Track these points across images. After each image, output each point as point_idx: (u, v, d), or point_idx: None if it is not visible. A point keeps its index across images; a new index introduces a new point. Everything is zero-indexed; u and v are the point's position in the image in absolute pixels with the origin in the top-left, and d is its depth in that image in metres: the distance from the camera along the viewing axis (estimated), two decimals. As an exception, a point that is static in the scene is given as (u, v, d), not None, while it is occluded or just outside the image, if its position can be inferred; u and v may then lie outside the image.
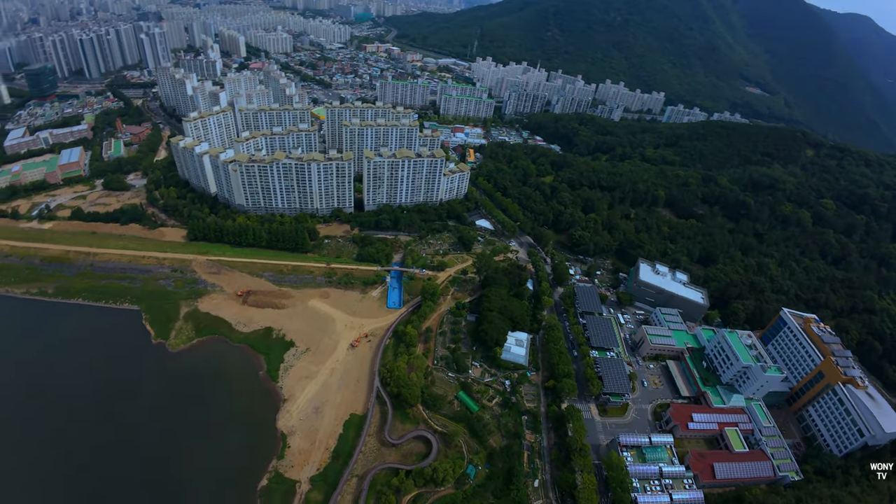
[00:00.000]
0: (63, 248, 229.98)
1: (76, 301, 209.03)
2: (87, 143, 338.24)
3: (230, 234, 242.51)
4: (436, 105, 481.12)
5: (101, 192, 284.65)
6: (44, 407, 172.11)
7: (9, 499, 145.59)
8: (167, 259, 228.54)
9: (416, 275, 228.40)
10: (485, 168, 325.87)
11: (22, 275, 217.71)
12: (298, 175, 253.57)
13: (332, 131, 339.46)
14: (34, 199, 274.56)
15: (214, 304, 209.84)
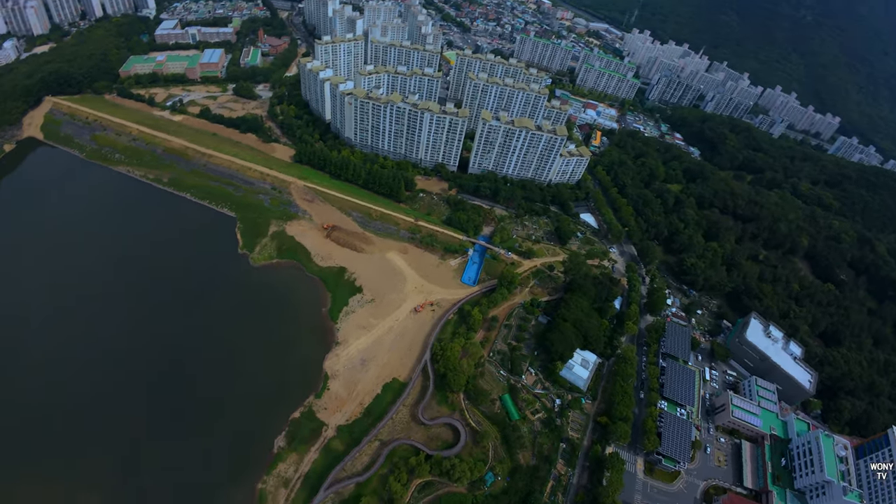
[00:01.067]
0: (184, 144, 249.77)
1: (184, 195, 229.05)
2: (229, 46, 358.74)
3: (332, 166, 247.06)
4: (574, 73, 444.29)
5: (231, 96, 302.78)
6: (126, 282, 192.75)
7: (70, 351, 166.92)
8: (270, 176, 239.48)
9: (500, 255, 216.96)
10: (607, 157, 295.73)
11: (144, 160, 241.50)
12: (410, 122, 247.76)
13: (457, 80, 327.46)
14: (171, 90, 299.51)
15: (300, 231, 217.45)
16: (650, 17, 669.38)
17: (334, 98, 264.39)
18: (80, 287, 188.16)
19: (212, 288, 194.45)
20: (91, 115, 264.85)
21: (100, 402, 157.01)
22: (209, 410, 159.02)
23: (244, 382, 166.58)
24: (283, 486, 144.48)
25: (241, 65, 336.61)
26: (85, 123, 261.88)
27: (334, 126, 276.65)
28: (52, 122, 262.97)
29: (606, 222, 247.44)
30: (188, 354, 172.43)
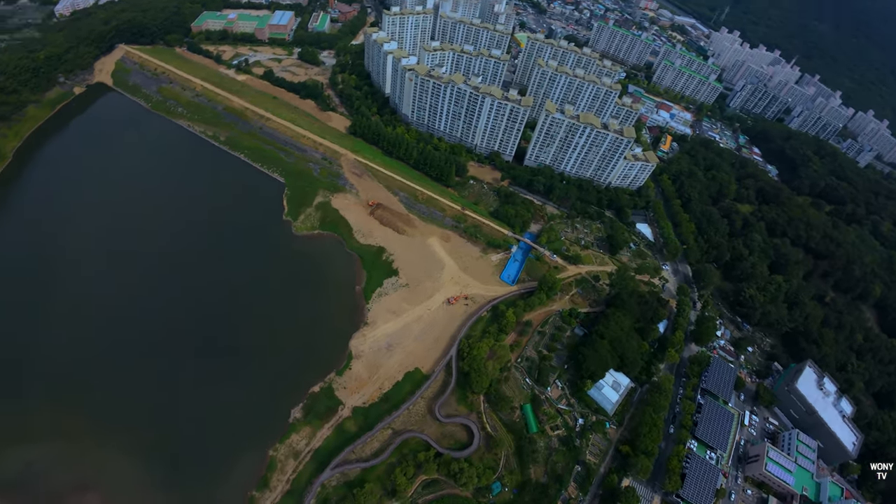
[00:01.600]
0: (244, 104, 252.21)
1: (238, 155, 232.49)
2: (299, 9, 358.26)
3: (385, 141, 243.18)
4: (651, 69, 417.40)
5: (295, 60, 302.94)
6: (173, 232, 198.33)
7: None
8: (322, 145, 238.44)
9: (544, 256, 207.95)
10: (675, 166, 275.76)
11: (205, 116, 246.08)
12: (469, 105, 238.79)
13: (524, 65, 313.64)
14: (239, 49, 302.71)
15: (345, 205, 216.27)
16: (741, 16, 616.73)
17: (395, 72, 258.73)
18: (131, 232, 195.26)
19: (253, 250, 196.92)
20: (160, 67, 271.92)
21: (132, 344, 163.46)
22: (234, 368, 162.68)
23: (271, 347, 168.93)
24: (292, 457, 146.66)
25: (308, 29, 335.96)
26: (153, 75, 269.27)
27: (393, 101, 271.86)
28: (122, 70, 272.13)
29: (664, 236, 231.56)
30: (221, 310, 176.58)
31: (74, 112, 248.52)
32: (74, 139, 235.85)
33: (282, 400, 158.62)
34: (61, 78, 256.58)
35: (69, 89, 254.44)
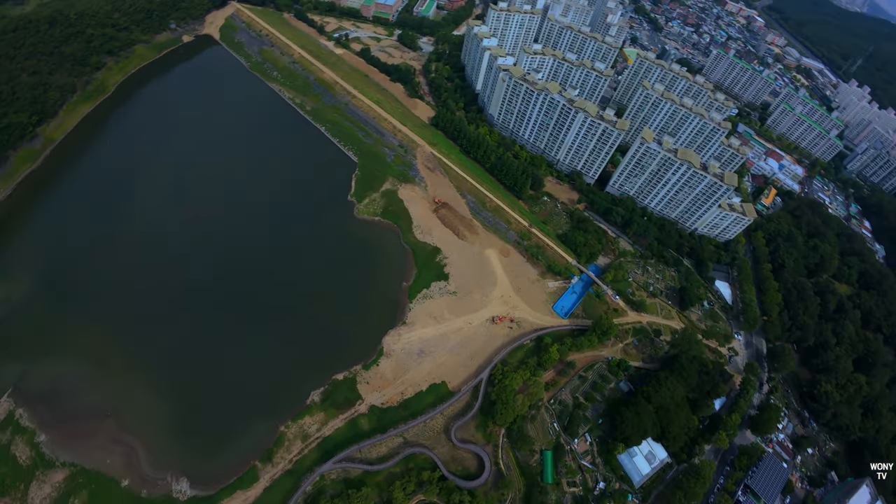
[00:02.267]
0: (335, 78, 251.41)
1: (319, 126, 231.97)
2: None
3: (465, 140, 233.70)
4: (766, 111, 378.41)
5: (394, 42, 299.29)
6: (242, 186, 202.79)
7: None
8: (401, 132, 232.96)
9: (605, 295, 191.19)
10: (774, 224, 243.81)
11: (296, 83, 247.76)
12: (560, 117, 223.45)
13: (628, 83, 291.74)
14: (342, 23, 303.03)
15: (411, 197, 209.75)
16: (874, 72, 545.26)
17: (490, 70, 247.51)
18: (204, 180, 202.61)
19: (312, 222, 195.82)
20: (265, 29, 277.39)
21: (180, 289, 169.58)
22: (268, 335, 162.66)
23: (307, 323, 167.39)
24: (301, 438, 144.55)
25: (413, 13, 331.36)
26: (257, 35, 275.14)
27: (482, 99, 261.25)
28: (230, 26, 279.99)
29: (744, 302, 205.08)
30: (269, 274, 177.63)
31: (179, 59, 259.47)
32: (174, 84, 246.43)
33: (305, 379, 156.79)
34: (172, 24, 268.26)
35: (178, 36, 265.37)
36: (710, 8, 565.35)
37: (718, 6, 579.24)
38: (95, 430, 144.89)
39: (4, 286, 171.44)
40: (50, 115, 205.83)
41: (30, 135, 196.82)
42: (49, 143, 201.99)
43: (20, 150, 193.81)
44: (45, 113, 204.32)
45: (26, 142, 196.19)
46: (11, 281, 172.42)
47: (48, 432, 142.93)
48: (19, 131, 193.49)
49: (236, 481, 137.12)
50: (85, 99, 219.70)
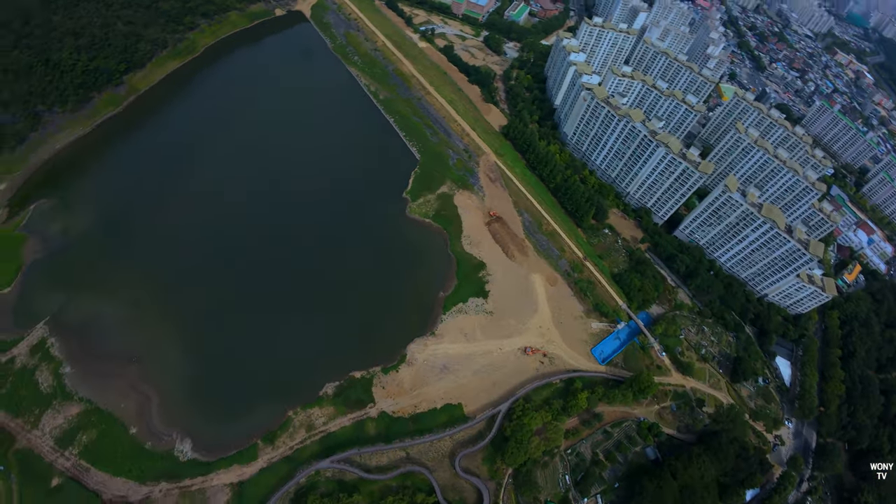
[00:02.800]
0: (413, 71, 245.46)
1: (388, 118, 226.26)
2: None
3: (533, 154, 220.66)
4: (864, 177, 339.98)
5: (479, 43, 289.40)
6: (302, 163, 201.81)
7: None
8: (469, 137, 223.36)
9: (650, 349, 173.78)
10: (852, 306, 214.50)
11: (374, 71, 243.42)
12: (638, 148, 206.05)
13: (719, 122, 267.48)
14: (431, 17, 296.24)
15: (466, 204, 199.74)
16: None
17: (572, 86, 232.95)
18: (267, 150, 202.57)
19: (363, 213, 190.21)
20: (354, 13, 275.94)
21: (228, 254, 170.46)
22: (297, 315, 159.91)
23: (336, 311, 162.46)
24: (305, 427, 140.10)
25: (504, 16, 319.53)
26: (346, 18, 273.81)
27: (558, 115, 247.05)
28: (322, 6, 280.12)
29: (803, 386, 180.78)
30: (312, 252, 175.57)
31: (268, 31, 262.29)
32: (258, 55, 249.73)
33: (321, 369, 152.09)
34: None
35: (271, 9, 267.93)
36: (819, 55, 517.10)
37: (827, 55, 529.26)
38: (118, 373, 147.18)
39: (65, 218, 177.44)
40: (138, 65, 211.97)
41: (116, 81, 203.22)
42: (133, 91, 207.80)
43: (105, 93, 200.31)
44: (133, 63, 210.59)
45: (112, 87, 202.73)
46: (73, 215, 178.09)
47: (74, 366, 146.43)
48: (107, 76, 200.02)
49: (236, 454, 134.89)
50: (174, 56, 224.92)
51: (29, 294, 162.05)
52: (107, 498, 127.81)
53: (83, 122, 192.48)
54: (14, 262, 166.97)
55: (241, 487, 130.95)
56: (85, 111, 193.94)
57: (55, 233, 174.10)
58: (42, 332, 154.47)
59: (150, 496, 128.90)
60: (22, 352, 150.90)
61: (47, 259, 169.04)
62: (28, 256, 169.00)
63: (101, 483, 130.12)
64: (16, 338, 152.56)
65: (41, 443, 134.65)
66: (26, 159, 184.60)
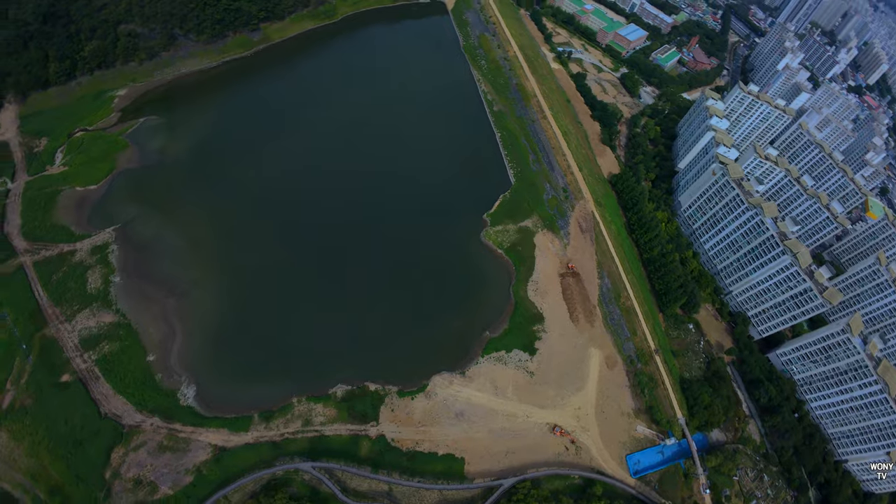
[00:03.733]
0: (536, 90, 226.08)
1: (496, 131, 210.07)
2: (656, 32, 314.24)
3: (635, 215, 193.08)
4: None
5: (614, 78, 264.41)
6: (397, 155, 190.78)
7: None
8: (572, 175, 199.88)
9: (695, 480, 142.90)
10: None
11: (497, 80, 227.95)
12: (759, 248, 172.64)
13: (858, 241, 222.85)
14: (572, 39, 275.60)
15: (545, 247, 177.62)
16: None
17: (703, 154, 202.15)
18: (365, 136, 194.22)
19: (438, 223, 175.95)
20: (495, 17, 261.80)
21: (295, 230, 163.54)
22: (341, 308, 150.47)
23: (374, 314, 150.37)
24: (302, 420, 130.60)
25: (649, 57, 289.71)
26: (485, 21, 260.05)
27: (678, 180, 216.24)
28: (466, 2, 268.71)
29: None
30: (373, 248, 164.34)
31: (408, 14, 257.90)
32: (392, 35, 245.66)
33: (340, 366, 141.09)
34: None
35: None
36: None
37: None
38: (159, 299, 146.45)
39: (166, 140, 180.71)
40: (277, 17, 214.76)
41: (252, 26, 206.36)
42: (265, 40, 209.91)
43: (239, 35, 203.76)
44: (273, 13, 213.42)
45: (247, 30, 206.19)
46: (173, 139, 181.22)
47: (123, 278, 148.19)
48: (245, 19, 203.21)
49: (231, 419, 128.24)
50: (312, 16, 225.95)
51: (110, 197, 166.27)
52: (102, 411, 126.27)
53: (212, 55, 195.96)
54: (109, 164, 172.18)
55: (222, 453, 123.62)
56: (216, 46, 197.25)
57: (152, 150, 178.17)
58: (108, 236, 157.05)
59: (140, 425, 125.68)
60: (84, 248, 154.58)
61: (137, 171, 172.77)
62: (122, 163, 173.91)
63: (103, 395, 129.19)
64: (84, 234, 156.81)
65: (67, 337, 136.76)
66: (151, 74, 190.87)
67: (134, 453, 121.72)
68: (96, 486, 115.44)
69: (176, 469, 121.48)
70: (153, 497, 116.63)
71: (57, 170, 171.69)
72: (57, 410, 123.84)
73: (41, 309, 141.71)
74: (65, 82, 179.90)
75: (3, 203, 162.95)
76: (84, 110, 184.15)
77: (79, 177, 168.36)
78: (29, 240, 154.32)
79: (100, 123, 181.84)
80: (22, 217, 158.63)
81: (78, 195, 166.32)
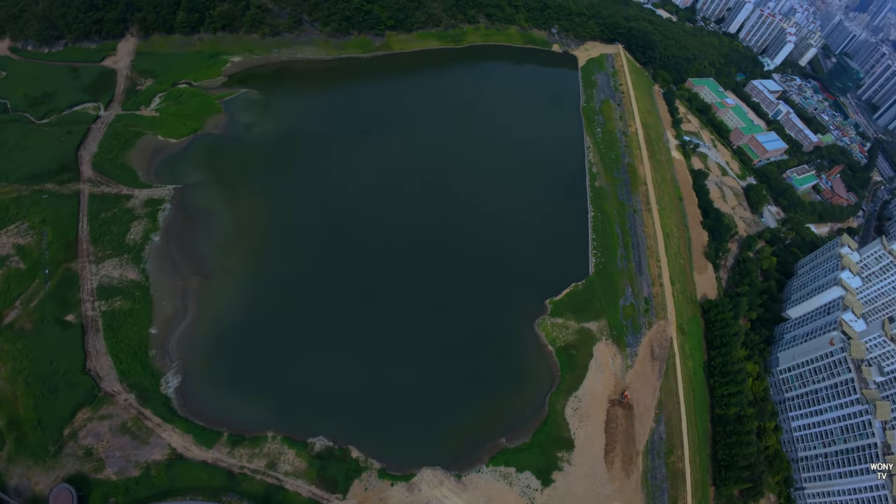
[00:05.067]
0: (647, 177, 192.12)
1: (589, 209, 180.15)
2: (795, 148, 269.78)
3: (720, 358, 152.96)
4: None
5: (738, 186, 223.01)
6: (479, 201, 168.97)
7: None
8: (660, 286, 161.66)
9: None
10: None
11: (608, 154, 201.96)
12: (856, 453, 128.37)
13: None
14: (702, 131, 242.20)
15: (602, 362, 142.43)
16: None
17: (823, 312, 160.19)
18: (452, 171, 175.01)
19: (493, 289, 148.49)
20: (625, 86, 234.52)
21: (346, 246, 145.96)
22: (353, 350, 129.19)
23: (389, 370, 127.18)
24: (268, 460, 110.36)
25: (783, 173, 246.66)
26: (614, 87, 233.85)
27: (781, 330, 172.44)
28: (598, 64, 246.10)
29: None
30: (410, 291, 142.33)
31: (535, 59, 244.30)
32: (512, 76, 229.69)
33: (329, 416, 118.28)
34: (555, 30, 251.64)
35: (551, 41, 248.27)
36: None
37: None
38: (185, 274, 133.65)
39: (258, 118, 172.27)
40: (404, 29, 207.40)
41: (378, 30, 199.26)
42: (386, 48, 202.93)
43: (363, 36, 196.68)
44: (401, 24, 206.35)
45: (372, 34, 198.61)
46: (264, 120, 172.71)
47: (162, 240, 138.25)
48: (372, 22, 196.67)
49: (199, 427, 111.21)
50: (438, 37, 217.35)
51: (185, 156, 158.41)
52: (88, 365, 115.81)
53: (330, 48, 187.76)
54: (197, 123, 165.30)
55: (177, 461, 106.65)
56: (337, 41, 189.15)
57: (241, 122, 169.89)
58: (166, 193, 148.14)
59: (115, 397, 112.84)
60: (141, 197, 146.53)
61: (219, 139, 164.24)
62: (209, 126, 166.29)
63: (95, 350, 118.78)
64: (147, 184, 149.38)
65: (87, 280, 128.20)
66: (268, 50, 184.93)
67: (98, 422, 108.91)
68: (52, 438, 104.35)
69: (128, 457, 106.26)
70: (95, 475, 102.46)
71: (149, 113, 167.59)
72: (48, 347, 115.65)
73: (78, 241, 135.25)
74: (188, 33, 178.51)
75: (88, 126, 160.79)
76: (196, 65, 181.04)
77: (165, 126, 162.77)
78: (96, 170, 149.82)
79: (205, 82, 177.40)
80: (99, 146, 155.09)
81: (157, 144, 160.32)
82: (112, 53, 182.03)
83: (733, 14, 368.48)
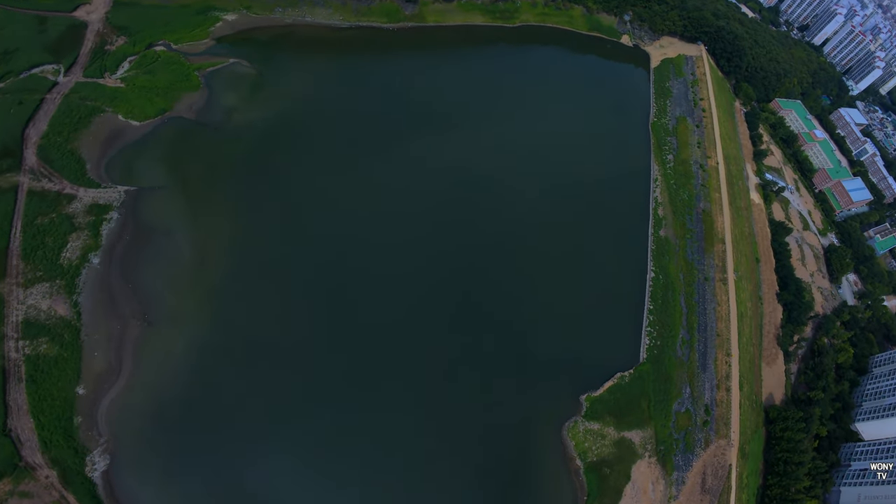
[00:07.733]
0: (725, 233, 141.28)
1: (649, 268, 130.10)
2: (875, 198, 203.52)
3: (777, 488, 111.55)
4: None
5: (818, 243, 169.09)
6: (490, 242, 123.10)
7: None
8: (725, 389, 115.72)
9: None
10: None
11: (678, 193, 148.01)
12: None
13: None
14: (785, 166, 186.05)
15: (640, 487, 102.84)
16: None
17: None
18: (468, 193, 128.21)
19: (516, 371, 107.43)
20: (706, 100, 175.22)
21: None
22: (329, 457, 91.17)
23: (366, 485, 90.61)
24: None
25: (866, 231, 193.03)
26: (692, 99, 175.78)
27: (850, 451, 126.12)
28: (676, 66, 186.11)
29: None
30: (418, 363, 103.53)
31: (599, 51, 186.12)
32: (567, 69, 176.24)
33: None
34: (627, 16, 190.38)
35: (622, 31, 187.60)
36: None
37: None
38: (123, 315, 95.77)
39: (243, 98, 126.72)
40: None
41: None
42: (418, 18, 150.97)
43: (391, 1, 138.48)
44: None
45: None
46: (252, 100, 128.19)
47: (103, 263, 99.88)
48: None
49: None
50: (486, 11, 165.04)
51: (145, 146, 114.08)
52: (9, 425, 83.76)
53: (348, 14, 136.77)
54: (167, 101, 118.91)
55: None
56: (358, 3, 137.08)
57: (221, 107, 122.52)
58: (114, 198, 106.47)
59: (36, 471, 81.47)
60: (85, 201, 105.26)
61: (190, 126, 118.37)
62: (181, 108, 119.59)
63: (16, 405, 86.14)
64: (95, 181, 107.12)
65: (13, 309, 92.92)
66: (270, 9, 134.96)
67: (18, 500, 78.59)
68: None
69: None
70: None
71: (112, 83, 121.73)
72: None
73: (8, 254, 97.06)
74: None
75: (42, 95, 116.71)
76: (179, 22, 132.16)
77: (128, 103, 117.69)
78: (40, 157, 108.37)
79: (186, 45, 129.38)
80: (49, 124, 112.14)
81: (115, 126, 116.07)
82: (87, 2, 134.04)
83: (820, 23, 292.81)
